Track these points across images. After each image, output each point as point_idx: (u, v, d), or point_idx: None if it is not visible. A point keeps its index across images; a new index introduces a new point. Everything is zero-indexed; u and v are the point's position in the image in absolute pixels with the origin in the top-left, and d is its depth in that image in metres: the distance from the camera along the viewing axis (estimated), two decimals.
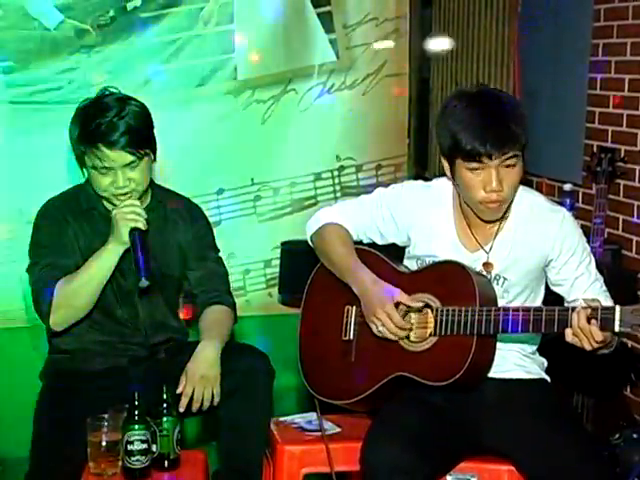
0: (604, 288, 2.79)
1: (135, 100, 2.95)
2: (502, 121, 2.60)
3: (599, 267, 2.88)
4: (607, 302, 2.72)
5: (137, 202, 2.86)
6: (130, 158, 2.85)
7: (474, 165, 2.62)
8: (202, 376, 2.81)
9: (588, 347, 2.51)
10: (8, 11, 3.80)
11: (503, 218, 2.77)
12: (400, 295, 2.71)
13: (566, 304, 2.79)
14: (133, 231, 2.80)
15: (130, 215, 2.81)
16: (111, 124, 2.82)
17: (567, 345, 2.57)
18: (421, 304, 2.72)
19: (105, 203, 2.95)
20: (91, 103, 2.92)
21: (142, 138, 2.88)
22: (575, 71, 4.41)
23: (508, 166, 2.62)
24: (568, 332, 2.52)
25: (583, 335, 2.49)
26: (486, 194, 2.64)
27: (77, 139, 2.88)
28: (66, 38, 3.85)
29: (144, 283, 2.77)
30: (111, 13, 3.87)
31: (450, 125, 2.64)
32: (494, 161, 2.60)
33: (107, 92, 2.94)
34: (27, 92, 3.84)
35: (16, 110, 3.85)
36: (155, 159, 3.00)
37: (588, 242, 3.76)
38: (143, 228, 2.81)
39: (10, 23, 3.82)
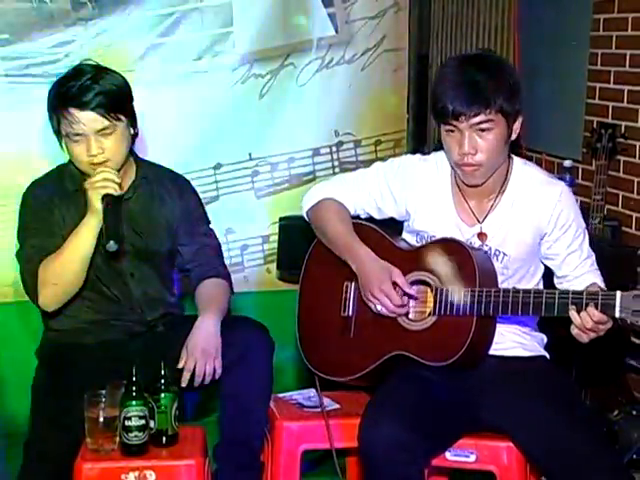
0: (595, 266, 2.78)
1: (114, 71, 2.93)
2: (475, 83, 2.59)
3: (599, 243, 2.87)
4: (597, 279, 2.72)
5: (108, 169, 2.81)
6: (102, 123, 2.82)
7: (447, 127, 2.64)
8: (203, 350, 2.81)
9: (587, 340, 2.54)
10: None
11: (500, 192, 2.76)
12: (397, 275, 2.70)
13: (555, 279, 2.80)
14: (105, 197, 2.77)
15: (99, 183, 2.78)
16: (83, 87, 2.82)
17: (567, 322, 2.57)
18: (417, 288, 2.71)
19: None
20: (67, 72, 2.92)
21: (116, 103, 2.85)
22: (575, 46, 4.39)
23: (482, 130, 2.61)
24: (573, 327, 2.53)
25: (592, 332, 2.51)
26: (460, 157, 2.64)
27: (51, 106, 2.88)
28: (62, 11, 3.81)
29: (112, 247, 2.72)
30: None
31: (434, 85, 2.70)
32: (463, 123, 2.60)
33: (85, 62, 2.92)
34: (23, 65, 3.81)
35: (11, 83, 3.82)
36: (136, 133, 2.97)
37: (588, 218, 3.77)
38: (115, 193, 2.79)
39: None
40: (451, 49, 5.29)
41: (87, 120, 2.81)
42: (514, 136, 2.70)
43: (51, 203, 2.94)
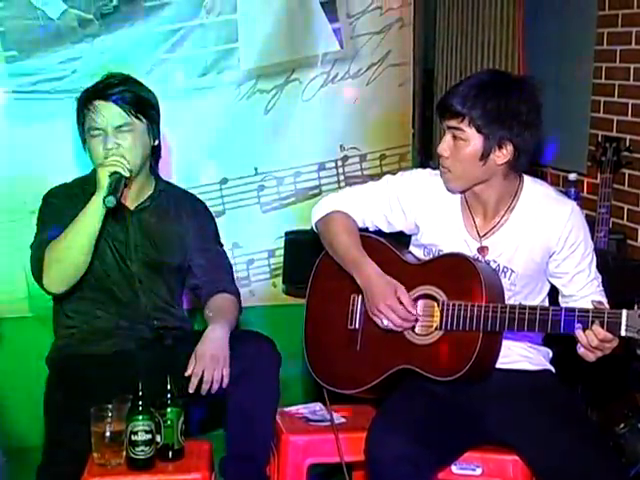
0: (601, 288, 2.78)
1: (145, 86, 3.05)
2: (465, 89, 2.63)
3: (604, 257, 2.86)
4: (603, 301, 2.71)
5: (122, 155, 2.87)
6: (121, 118, 2.91)
7: (441, 125, 2.72)
8: (212, 357, 2.83)
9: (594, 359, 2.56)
10: (12, 1, 3.79)
11: (509, 209, 2.76)
12: (402, 293, 2.70)
13: (561, 298, 2.79)
14: (113, 174, 2.82)
15: (110, 161, 2.84)
16: (111, 83, 2.95)
17: (573, 339, 2.58)
18: (423, 302, 2.72)
19: None
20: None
21: (139, 104, 2.95)
22: (580, 60, 4.40)
23: (455, 137, 2.65)
24: (579, 347, 2.56)
25: (598, 351, 2.52)
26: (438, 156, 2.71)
27: (78, 106, 2.98)
28: (69, 27, 3.84)
29: (110, 201, 2.77)
30: (114, 2, 3.85)
31: None
32: (446, 121, 2.66)
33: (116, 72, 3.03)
34: (30, 82, 3.84)
35: (19, 100, 3.84)
36: (158, 146, 3.03)
37: (593, 232, 3.77)
38: (124, 173, 2.84)
39: (13, 13, 3.81)
40: (456, 64, 5.29)
41: (108, 112, 2.91)
42: (500, 161, 2.66)
43: (70, 202, 2.99)
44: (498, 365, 2.75)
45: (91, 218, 2.85)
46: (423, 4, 5.21)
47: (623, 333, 2.44)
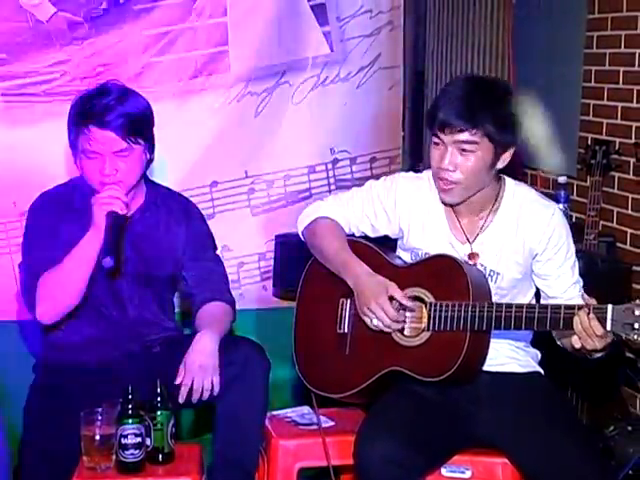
0: (582, 292, 2.78)
1: (138, 94, 2.96)
2: (469, 100, 2.61)
3: (594, 259, 2.87)
4: None
5: (117, 187, 2.82)
6: (120, 144, 2.83)
7: (435, 139, 2.67)
8: (201, 366, 2.81)
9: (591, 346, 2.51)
10: (0, 3, 3.78)
11: (492, 210, 2.77)
12: (394, 289, 2.71)
13: (542, 299, 2.79)
14: (110, 214, 2.77)
15: (106, 199, 2.78)
16: (107, 106, 2.83)
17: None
18: (413, 303, 2.71)
19: None
20: (93, 88, 2.94)
21: (137, 126, 2.86)
22: (570, 63, 4.41)
23: (464, 150, 2.62)
24: (575, 339, 2.52)
25: (586, 335, 2.49)
26: (438, 170, 2.66)
27: (71, 120, 2.88)
28: (58, 30, 3.83)
29: (108, 262, 2.72)
30: (104, 5, 3.84)
31: (436, 96, 2.74)
32: (447, 136, 2.62)
33: (112, 81, 2.94)
34: (19, 84, 3.83)
35: (8, 102, 3.83)
36: (152, 158, 2.99)
37: (583, 234, 3.78)
38: (120, 212, 2.79)
39: (2, 15, 3.80)
40: (447, 66, 5.31)
41: (106, 140, 2.82)
42: (501, 165, 2.71)
43: (58, 217, 2.94)
44: (487, 367, 2.76)
45: (84, 258, 2.80)
46: (413, 7, 5.23)
47: (609, 327, 2.45)
